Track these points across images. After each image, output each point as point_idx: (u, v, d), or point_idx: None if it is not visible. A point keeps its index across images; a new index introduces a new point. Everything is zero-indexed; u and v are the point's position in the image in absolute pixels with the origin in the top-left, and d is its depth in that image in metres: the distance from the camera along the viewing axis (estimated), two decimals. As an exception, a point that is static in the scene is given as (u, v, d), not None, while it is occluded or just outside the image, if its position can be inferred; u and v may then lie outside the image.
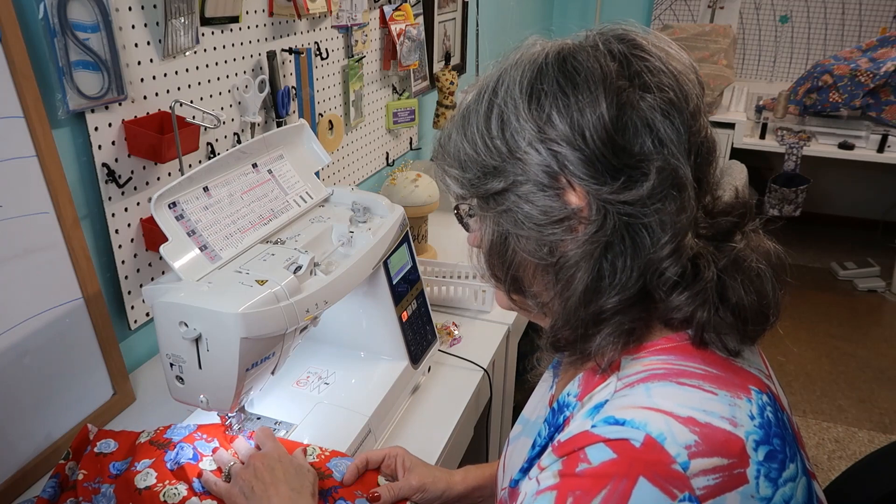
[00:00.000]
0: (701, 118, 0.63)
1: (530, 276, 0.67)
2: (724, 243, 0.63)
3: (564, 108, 0.60)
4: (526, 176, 0.62)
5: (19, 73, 0.92)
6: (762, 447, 0.55)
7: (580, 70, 0.61)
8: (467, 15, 2.54)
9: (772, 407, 0.59)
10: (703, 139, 0.63)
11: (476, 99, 0.66)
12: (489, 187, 0.65)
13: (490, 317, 1.46)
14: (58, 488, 0.88)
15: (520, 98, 0.62)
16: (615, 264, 0.60)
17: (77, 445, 0.94)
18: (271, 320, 0.84)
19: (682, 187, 0.60)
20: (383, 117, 2.03)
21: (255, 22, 1.39)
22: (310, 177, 1.13)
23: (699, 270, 0.61)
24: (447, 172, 0.69)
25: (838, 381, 2.85)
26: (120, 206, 1.14)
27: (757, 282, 0.61)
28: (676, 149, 0.60)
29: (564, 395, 0.67)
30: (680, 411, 0.55)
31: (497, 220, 0.66)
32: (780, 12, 3.81)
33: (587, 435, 0.56)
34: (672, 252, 0.59)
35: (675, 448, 0.52)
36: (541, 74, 0.62)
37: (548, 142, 0.60)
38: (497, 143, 0.63)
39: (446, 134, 0.69)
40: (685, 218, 0.60)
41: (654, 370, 0.59)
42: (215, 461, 0.89)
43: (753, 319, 0.61)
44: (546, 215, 0.62)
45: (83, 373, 1.07)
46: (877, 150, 3.11)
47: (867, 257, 3.74)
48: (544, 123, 0.61)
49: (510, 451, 0.83)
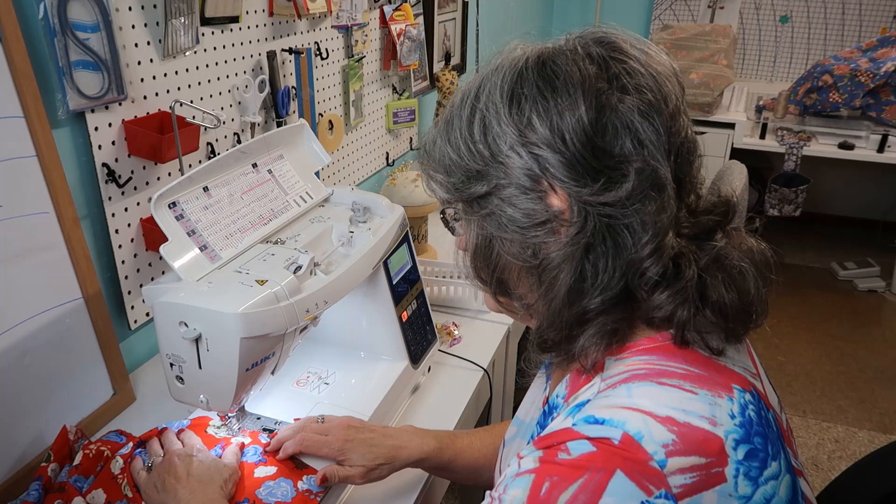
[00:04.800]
0: (680, 118, 0.63)
1: (515, 279, 0.68)
2: (706, 242, 0.64)
3: (544, 112, 0.61)
4: (508, 179, 0.63)
5: (19, 73, 0.92)
6: (742, 446, 0.56)
7: (559, 73, 0.61)
8: (467, 15, 2.54)
9: (755, 405, 0.60)
10: (684, 139, 0.63)
11: (459, 104, 0.67)
12: (473, 191, 0.65)
13: (490, 317, 1.46)
14: (42, 490, 0.88)
15: (501, 102, 0.63)
16: (597, 265, 0.61)
17: (58, 447, 0.94)
18: (271, 320, 0.84)
19: (661, 188, 0.60)
20: (383, 117, 2.03)
21: (255, 22, 1.39)
22: (310, 177, 1.13)
23: (680, 269, 0.61)
24: (432, 178, 0.70)
25: (838, 381, 2.85)
26: (120, 206, 1.14)
27: (739, 280, 0.62)
28: (656, 149, 0.60)
29: (554, 397, 0.69)
30: (659, 411, 0.55)
31: (481, 224, 0.66)
32: (780, 12, 3.81)
33: (568, 431, 0.57)
34: (653, 252, 0.60)
35: (653, 446, 0.53)
36: (521, 79, 0.63)
37: (529, 145, 0.61)
38: (480, 147, 0.64)
39: (431, 139, 0.70)
40: (665, 218, 0.61)
41: (635, 370, 0.60)
42: (147, 453, 0.91)
43: (735, 317, 0.62)
44: (529, 218, 0.62)
45: (83, 373, 1.07)
46: (877, 150, 3.10)
47: (867, 257, 3.73)
48: (525, 127, 0.61)
49: (505, 452, 0.83)
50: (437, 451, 0.93)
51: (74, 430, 0.96)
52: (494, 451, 0.94)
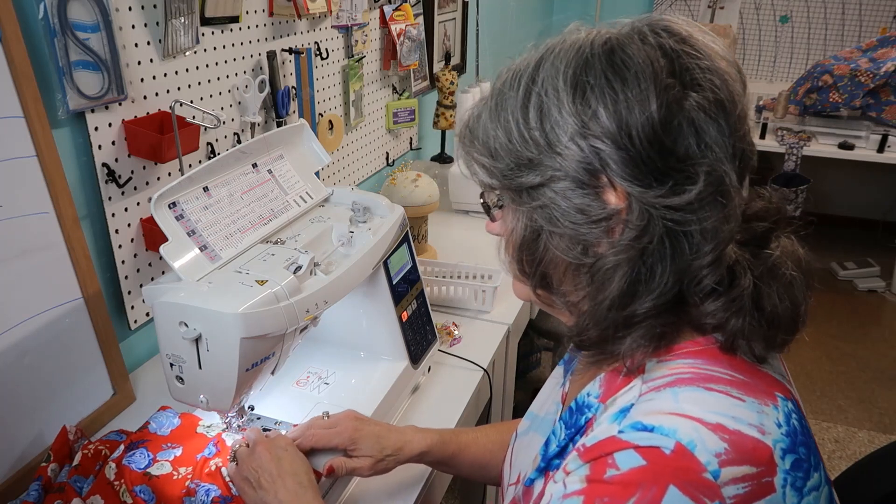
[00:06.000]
0: (746, 122, 0.60)
1: (560, 274, 0.65)
2: (761, 250, 0.62)
3: (612, 104, 0.57)
4: (564, 172, 0.59)
5: (19, 73, 0.92)
6: (789, 456, 0.54)
7: (629, 65, 0.57)
8: (467, 15, 2.54)
9: (797, 414, 0.58)
10: (747, 144, 0.60)
11: (511, 83, 0.62)
12: (523, 181, 0.61)
13: (490, 317, 1.46)
14: (41, 491, 0.88)
15: (563, 89, 0.58)
16: (654, 270, 0.58)
17: (58, 447, 0.94)
18: (271, 320, 0.84)
19: (727, 194, 0.57)
20: (383, 117, 2.03)
21: (255, 22, 1.39)
22: (310, 177, 1.13)
23: (735, 277, 0.59)
24: (476, 160, 0.66)
25: (838, 381, 2.85)
26: (120, 206, 1.14)
27: (790, 289, 0.60)
28: (723, 153, 0.57)
29: (584, 395, 0.65)
30: (709, 417, 0.53)
31: (530, 216, 0.63)
32: (780, 12, 3.82)
33: (615, 440, 0.54)
34: (713, 261, 0.57)
35: (706, 456, 0.51)
36: (587, 66, 0.58)
37: (591, 138, 0.57)
38: (535, 134, 0.60)
39: (475, 115, 0.65)
40: (729, 228, 0.58)
41: (680, 374, 0.58)
42: None
43: (786, 328, 0.60)
44: (583, 214, 0.59)
45: (83, 373, 1.07)
46: (877, 150, 3.11)
47: (867, 257, 3.74)
48: (589, 119, 0.57)
49: (518, 445, 0.81)
50: (440, 444, 0.93)
51: (74, 430, 0.96)
52: (501, 448, 0.94)
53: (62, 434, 0.94)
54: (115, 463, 0.88)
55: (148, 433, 0.95)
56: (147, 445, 0.92)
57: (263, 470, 0.82)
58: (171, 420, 0.97)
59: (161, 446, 0.92)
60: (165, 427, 0.96)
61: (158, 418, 0.97)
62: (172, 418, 0.98)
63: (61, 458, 0.93)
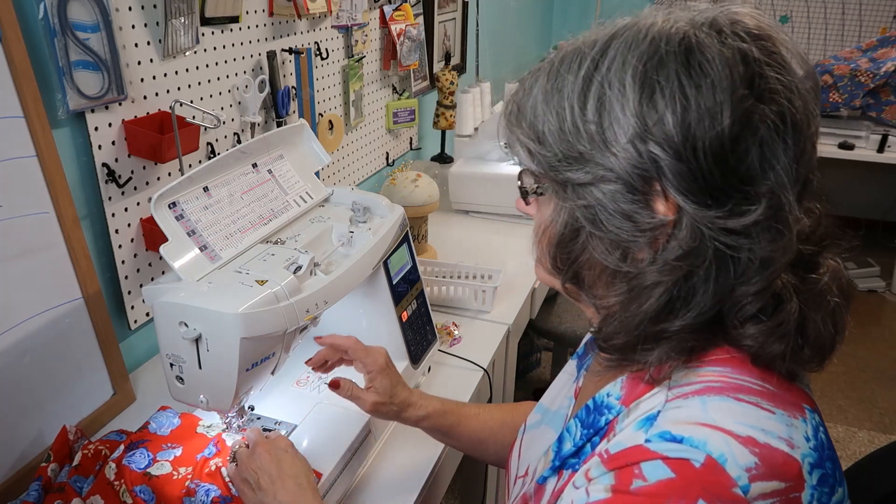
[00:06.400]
0: (815, 145, 0.56)
1: (595, 276, 0.62)
2: (808, 275, 0.58)
3: (681, 112, 0.52)
4: (616, 174, 0.55)
5: (19, 73, 0.92)
6: (816, 470, 0.53)
7: (707, 71, 0.52)
8: (467, 15, 2.55)
9: (823, 427, 0.57)
10: (812, 169, 0.56)
11: (571, 65, 0.57)
12: (570, 176, 0.57)
13: (490, 317, 1.47)
14: (41, 491, 0.88)
15: (630, 85, 0.54)
16: (695, 289, 0.55)
17: (58, 447, 0.94)
18: (271, 320, 0.84)
19: (786, 222, 0.53)
20: (383, 117, 2.03)
21: (255, 22, 1.39)
22: (310, 177, 1.13)
23: (781, 302, 0.56)
24: (519, 140, 0.61)
25: (838, 381, 2.85)
26: (120, 206, 1.14)
27: (833, 316, 0.58)
28: (787, 178, 0.53)
29: (603, 395, 0.64)
30: (739, 430, 0.52)
31: (572, 213, 0.59)
32: (780, 12, 3.81)
33: (642, 450, 0.53)
34: (761, 290, 0.54)
35: (737, 470, 0.50)
36: (660, 64, 0.53)
37: (651, 143, 0.53)
38: (591, 128, 0.56)
39: (526, 89, 0.61)
40: (784, 259, 0.54)
41: (709, 382, 0.56)
42: None
43: (828, 352, 0.58)
44: (630, 221, 0.55)
45: (83, 373, 1.07)
46: (877, 150, 3.11)
47: (867, 257, 3.73)
48: (654, 124, 0.53)
49: (528, 438, 0.81)
50: (440, 412, 0.94)
51: (74, 430, 0.96)
52: (502, 427, 0.94)
53: (62, 434, 0.94)
54: (115, 463, 0.88)
55: (148, 433, 0.95)
56: (147, 445, 0.92)
57: (263, 471, 0.81)
58: (171, 420, 0.97)
59: (161, 446, 0.92)
60: (165, 427, 0.96)
61: (158, 418, 0.97)
62: (172, 418, 0.98)
63: (61, 458, 0.93)
